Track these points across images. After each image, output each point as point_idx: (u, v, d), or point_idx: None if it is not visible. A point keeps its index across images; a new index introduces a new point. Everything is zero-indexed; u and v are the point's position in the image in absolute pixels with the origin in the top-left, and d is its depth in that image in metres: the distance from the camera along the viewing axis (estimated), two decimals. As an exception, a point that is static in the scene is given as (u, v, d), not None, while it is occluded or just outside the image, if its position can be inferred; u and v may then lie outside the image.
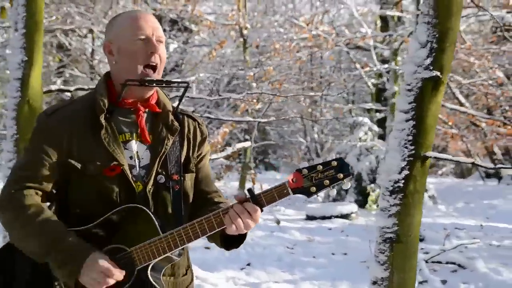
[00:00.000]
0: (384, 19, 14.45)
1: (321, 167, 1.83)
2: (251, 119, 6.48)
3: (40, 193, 1.94)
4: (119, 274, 1.82)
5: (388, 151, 3.58)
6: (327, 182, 1.82)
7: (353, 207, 10.60)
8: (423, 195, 3.58)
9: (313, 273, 6.43)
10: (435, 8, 3.35)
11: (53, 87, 5.08)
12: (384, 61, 13.44)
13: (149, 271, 1.87)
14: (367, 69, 12.00)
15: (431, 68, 3.43)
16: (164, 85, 1.98)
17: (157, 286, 1.87)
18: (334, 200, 12.12)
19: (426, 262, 6.15)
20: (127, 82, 1.92)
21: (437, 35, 3.40)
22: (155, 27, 1.97)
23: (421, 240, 7.40)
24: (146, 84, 1.93)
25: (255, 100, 8.84)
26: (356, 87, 18.32)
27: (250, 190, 1.87)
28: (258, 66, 13.23)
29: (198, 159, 2.10)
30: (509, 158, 14.35)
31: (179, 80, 2.15)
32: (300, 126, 22.20)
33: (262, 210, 1.85)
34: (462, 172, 21.32)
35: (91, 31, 15.31)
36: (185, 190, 2.02)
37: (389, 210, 3.50)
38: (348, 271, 6.41)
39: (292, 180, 1.84)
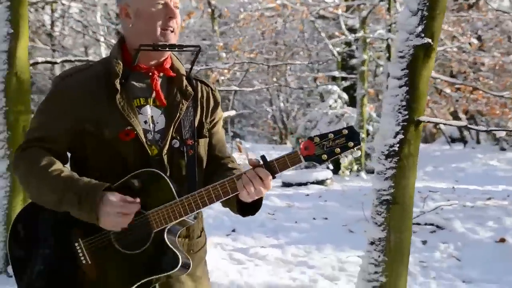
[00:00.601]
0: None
1: (332, 135, 1.87)
2: (236, 88, 6.51)
3: (52, 152, 1.95)
4: (136, 204, 1.84)
5: (383, 116, 3.70)
6: (338, 150, 1.86)
7: (328, 173, 10.72)
8: (417, 158, 3.72)
9: (297, 237, 6.56)
10: (426, -23, 3.44)
11: (39, 59, 5.04)
12: (350, 29, 13.54)
13: (165, 234, 1.90)
14: (342, 37, 12.07)
15: (423, 35, 3.54)
16: (176, 49, 2.01)
17: (173, 248, 1.90)
18: (307, 167, 12.28)
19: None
20: (141, 47, 1.94)
21: (427, 3, 3.51)
22: None
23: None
24: (159, 48, 1.96)
25: (226, 70, 8.88)
26: (321, 56, 18.45)
27: (263, 157, 1.90)
28: (225, 36, 13.19)
29: (211, 125, 2.12)
30: (474, 123, 14.80)
31: (190, 44, 2.17)
32: (266, 96, 22.26)
33: (274, 177, 1.88)
34: (426, 137, 21.80)
35: (48, 3, 14.90)
36: (199, 155, 2.05)
37: (385, 173, 3.63)
38: (330, 234, 6.57)
39: (304, 147, 1.87)
